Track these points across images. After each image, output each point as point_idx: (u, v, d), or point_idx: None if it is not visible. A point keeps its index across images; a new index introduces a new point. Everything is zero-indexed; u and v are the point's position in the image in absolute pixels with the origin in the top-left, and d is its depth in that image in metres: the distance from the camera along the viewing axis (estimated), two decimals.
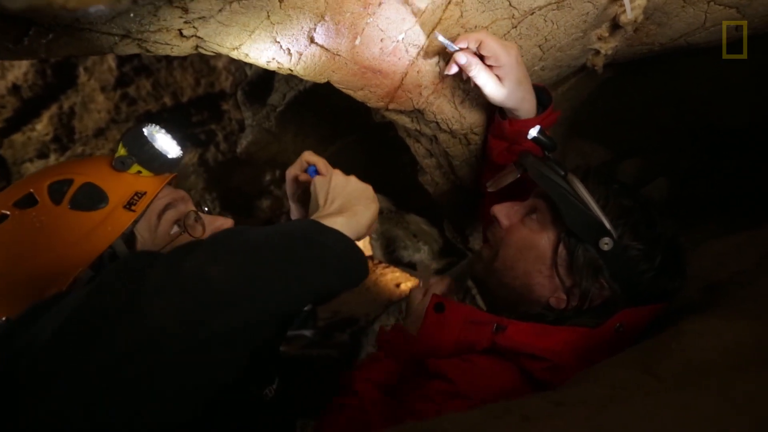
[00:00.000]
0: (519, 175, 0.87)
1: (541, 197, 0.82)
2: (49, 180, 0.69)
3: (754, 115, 1.48)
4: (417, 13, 0.84)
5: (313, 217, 0.63)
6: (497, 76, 0.83)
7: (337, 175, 0.71)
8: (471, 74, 0.83)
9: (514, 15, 0.87)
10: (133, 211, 0.70)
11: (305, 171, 0.83)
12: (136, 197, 0.71)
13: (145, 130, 0.76)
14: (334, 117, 2.21)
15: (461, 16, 0.85)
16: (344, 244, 0.56)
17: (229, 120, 3.46)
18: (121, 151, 0.75)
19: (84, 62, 2.93)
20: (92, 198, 0.69)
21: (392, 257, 3.54)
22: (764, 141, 1.55)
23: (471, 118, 1.04)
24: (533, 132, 0.83)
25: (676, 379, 0.45)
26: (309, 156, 0.82)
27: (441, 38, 0.83)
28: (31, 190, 0.68)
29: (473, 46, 0.82)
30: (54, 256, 0.64)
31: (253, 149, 2.33)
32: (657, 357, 0.50)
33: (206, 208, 0.81)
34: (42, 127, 3.12)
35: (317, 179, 0.72)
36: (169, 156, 0.78)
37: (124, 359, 0.37)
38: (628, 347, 0.61)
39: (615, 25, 0.94)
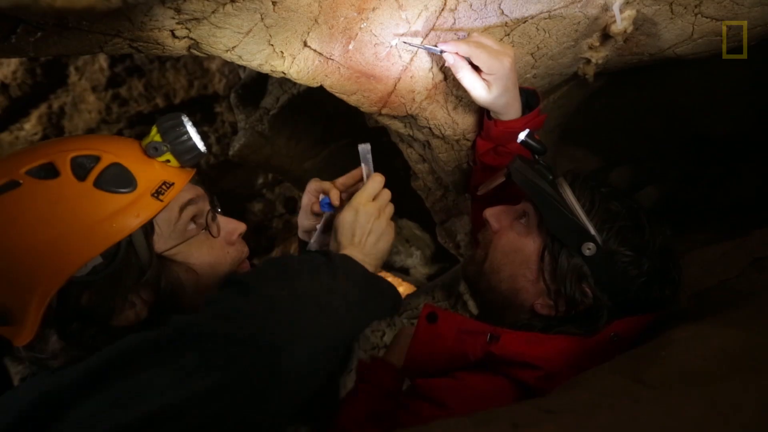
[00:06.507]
0: (504, 179, 0.87)
1: (530, 201, 0.81)
2: (72, 153, 0.64)
3: (739, 124, 1.51)
4: (410, 19, 0.84)
5: (351, 252, 0.76)
6: (485, 80, 0.83)
7: (364, 210, 0.79)
8: (458, 76, 0.84)
9: (506, 23, 0.88)
10: (161, 200, 0.67)
11: (319, 201, 0.87)
12: (164, 186, 0.68)
13: (185, 119, 0.73)
14: (328, 121, 2.21)
15: (454, 23, 0.86)
16: (392, 290, 0.76)
17: (221, 122, 3.44)
18: (155, 136, 0.71)
19: (75, 62, 2.90)
20: (120, 180, 0.65)
21: (385, 262, 3.52)
22: (748, 150, 1.58)
23: (464, 124, 1.04)
24: (522, 136, 0.83)
25: (663, 386, 0.45)
26: (316, 185, 0.88)
27: (421, 45, 0.85)
28: (52, 161, 0.62)
29: (462, 55, 0.81)
30: (67, 236, 0.60)
31: (245, 152, 2.32)
32: (645, 364, 0.50)
33: (219, 209, 0.79)
34: (30, 126, 3.07)
35: (345, 217, 0.79)
36: (202, 150, 0.75)
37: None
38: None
39: (605, 35, 0.95)
